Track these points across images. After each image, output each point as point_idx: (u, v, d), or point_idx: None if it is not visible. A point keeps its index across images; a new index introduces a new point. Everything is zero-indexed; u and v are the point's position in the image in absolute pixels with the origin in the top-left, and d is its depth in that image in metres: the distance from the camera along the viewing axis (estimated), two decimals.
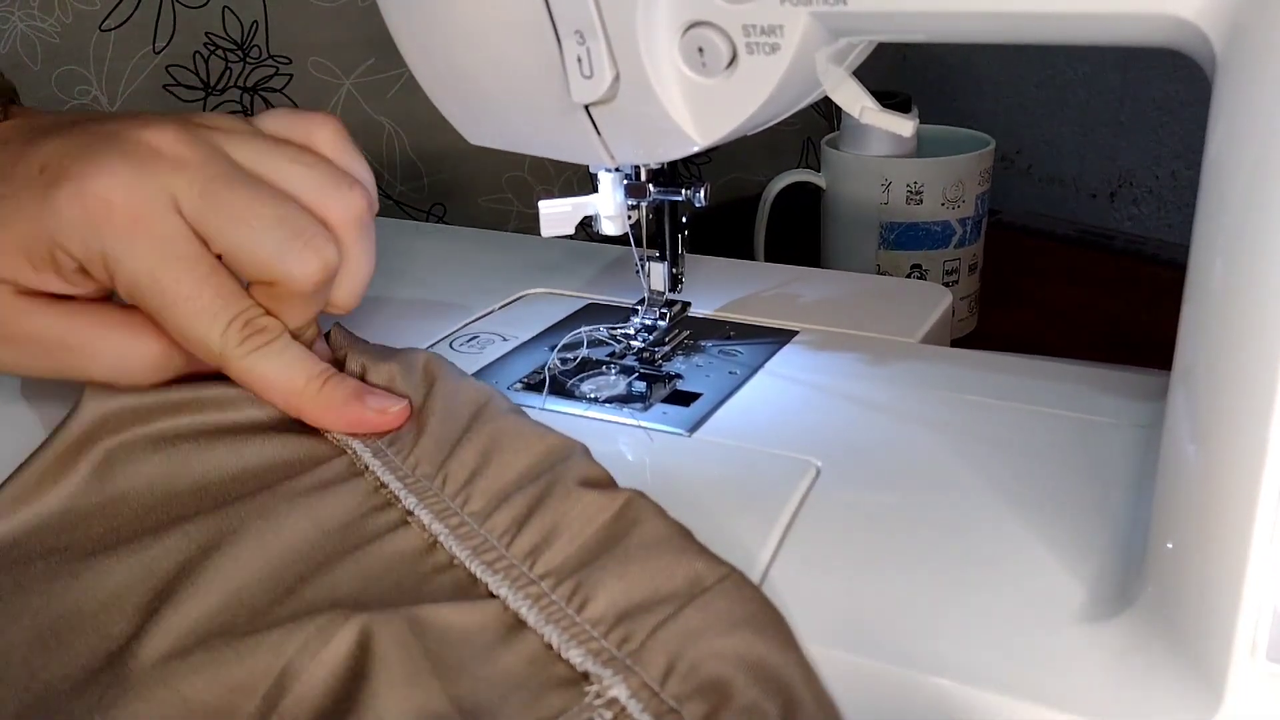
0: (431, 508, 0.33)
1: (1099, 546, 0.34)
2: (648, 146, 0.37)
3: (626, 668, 0.27)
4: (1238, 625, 0.27)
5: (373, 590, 0.30)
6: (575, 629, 0.28)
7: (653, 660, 0.27)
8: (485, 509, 0.33)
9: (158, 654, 0.28)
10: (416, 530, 0.32)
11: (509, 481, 0.33)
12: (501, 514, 0.32)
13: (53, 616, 0.30)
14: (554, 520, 0.31)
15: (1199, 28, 0.27)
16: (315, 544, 0.32)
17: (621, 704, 0.26)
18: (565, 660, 0.28)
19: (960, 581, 0.33)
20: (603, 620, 0.28)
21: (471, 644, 0.28)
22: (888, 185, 0.67)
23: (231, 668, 0.27)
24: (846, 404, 0.44)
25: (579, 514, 0.31)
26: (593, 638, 0.28)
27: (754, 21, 0.32)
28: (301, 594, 0.30)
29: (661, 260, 0.47)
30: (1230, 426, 0.27)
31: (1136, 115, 0.86)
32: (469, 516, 0.32)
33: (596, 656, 0.27)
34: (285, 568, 0.31)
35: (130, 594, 0.30)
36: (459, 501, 0.33)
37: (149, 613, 0.29)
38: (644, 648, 0.27)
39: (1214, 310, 0.27)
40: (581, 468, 0.33)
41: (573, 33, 0.33)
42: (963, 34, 0.32)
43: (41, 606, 0.30)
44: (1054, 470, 0.38)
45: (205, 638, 0.28)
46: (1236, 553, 0.27)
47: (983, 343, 0.68)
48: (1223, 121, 0.27)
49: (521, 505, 0.32)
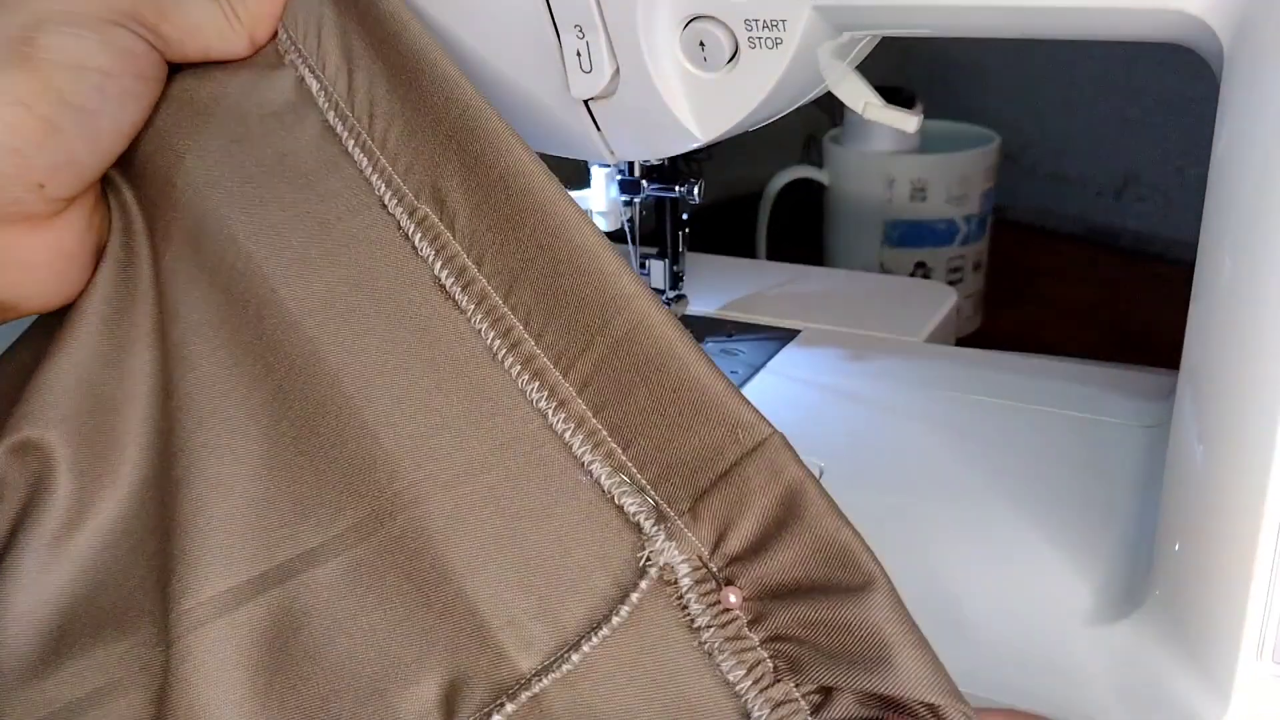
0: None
1: (1106, 548, 0.33)
2: (648, 142, 0.36)
3: (679, 530, 0.26)
4: (1245, 627, 0.27)
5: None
6: (624, 468, 0.27)
7: (704, 527, 0.26)
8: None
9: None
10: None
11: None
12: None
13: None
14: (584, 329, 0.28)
15: (1206, 23, 0.27)
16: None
17: (675, 570, 0.25)
18: (615, 503, 0.27)
19: (966, 583, 0.32)
20: (647, 466, 0.27)
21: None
22: (891, 182, 0.67)
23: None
24: (849, 404, 0.43)
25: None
26: (644, 486, 0.27)
27: (756, 15, 0.31)
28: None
29: (661, 258, 0.47)
30: (1238, 426, 0.27)
31: (1143, 112, 0.86)
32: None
33: (648, 511, 0.26)
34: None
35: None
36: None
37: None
38: (696, 511, 0.26)
39: (1222, 309, 0.27)
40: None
41: (572, 27, 0.33)
42: (968, 28, 0.31)
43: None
44: (1060, 471, 0.38)
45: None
46: (1244, 554, 0.27)
47: (987, 342, 0.67)
48: (1230, 118, 0.27)
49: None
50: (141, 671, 0.27)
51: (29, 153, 0.29)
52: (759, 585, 0.25)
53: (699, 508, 0.26)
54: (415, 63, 0.31)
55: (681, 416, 0.26)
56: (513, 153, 0.29)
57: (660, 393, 0.27)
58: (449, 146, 0.30)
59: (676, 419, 0.26)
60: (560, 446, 0.27)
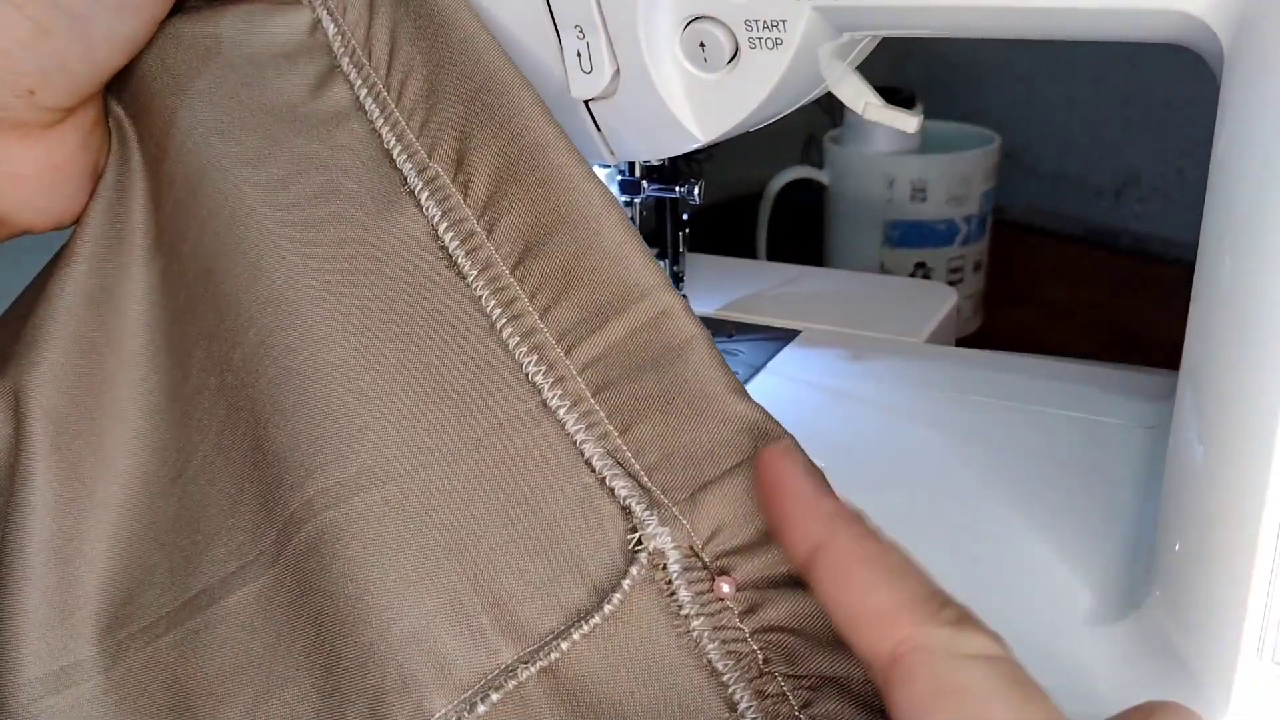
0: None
1: (1106, 549, 0.33)
2: (648, 142, 0.36)
3: (674, 518, 0.25)
4: (1245, 627, 0.27)
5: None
6: (618, 452, 0.26)
7: (702, 517, 0.25)
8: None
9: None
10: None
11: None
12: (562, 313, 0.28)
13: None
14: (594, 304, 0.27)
15: (1206, 23, 0.27)
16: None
17: (665, 557, 0.25)
18: (607, 486, 0.26)
19: (965, 584, 0.32)
20: (645, 450, 0.26)
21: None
22: (891, 182, 0.67)
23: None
24: (849, 404, 0.43)
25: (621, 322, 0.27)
26: (637, 472, 0.26)
27: (756, 16, 0.31)
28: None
29: (661, 258, 0.47)
30: (1238, 427, 0.26)
31: (1143, 112, 0.85)
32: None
33: (640, 496, 0.26)
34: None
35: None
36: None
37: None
38: (694, 501, 0.25)
39: (1222, 309, 0.27)
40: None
41: (572, 27, 0.33)
42: (968, 29, 0.31)
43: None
44: (1060, 471, 0.38)
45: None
46: (1244, 554, 0.26)
47: (987, 342, 0.67)
48: (1230, 118, 0.27)
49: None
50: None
51: (18, 54, 0.28)
52: (756, 576, 0.25)
53: (700, 497, 0.25)
54: (444, 18, 0.30)
55: (691, 408, 0.26)
56: (541, 127, 0.28)
57: (672, 382, 0.26)
58: (473, 106, 0.29)
59: (685, 409, 0.26)
60: (556, 426, 0.27)
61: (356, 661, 0.24)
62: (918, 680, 0.19)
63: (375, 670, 0.23)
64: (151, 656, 0.26)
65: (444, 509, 0.26)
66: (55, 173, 0.31)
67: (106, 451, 0.29)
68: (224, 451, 0.28)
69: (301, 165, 0.30)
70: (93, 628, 0.27)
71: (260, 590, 0.26)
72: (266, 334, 0.28)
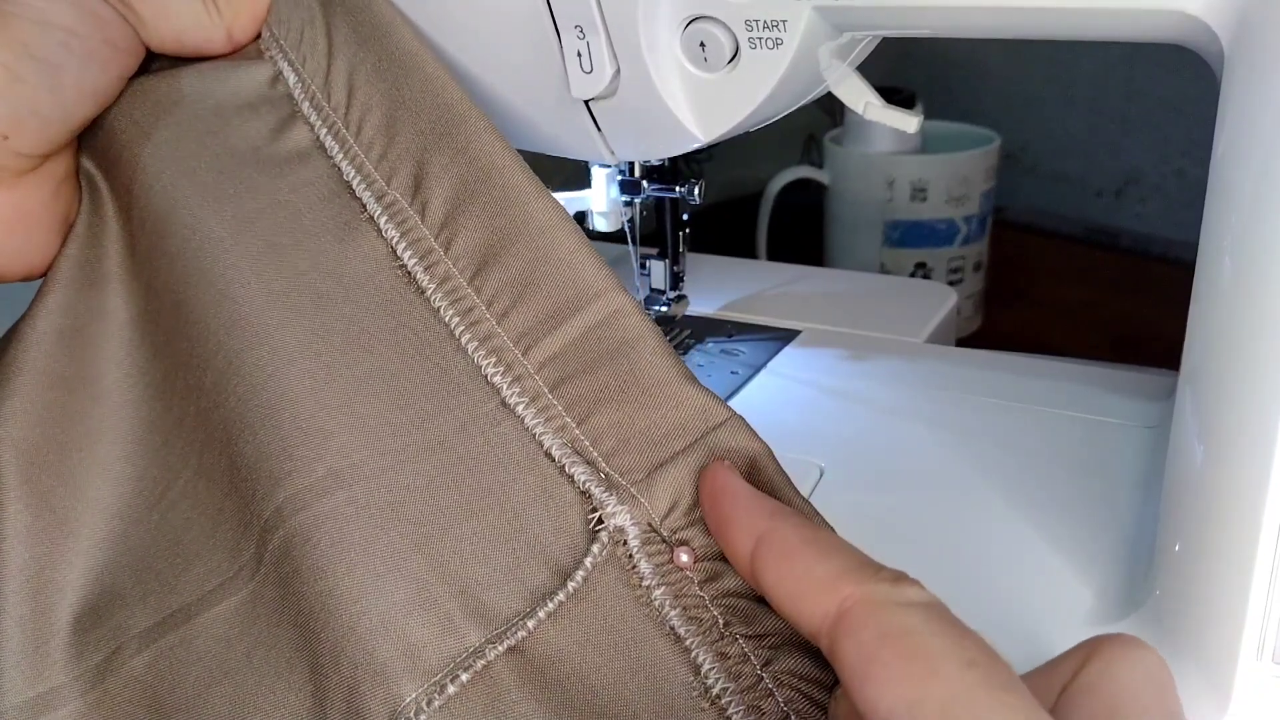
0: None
1: (1106, 549, 0.33)
2: (648, 142, 0.36)
3: (631, 497, 0.26)
4: (1245, 627, 0.27)
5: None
6: (576, 442, 0.27)
7: (659, 495, 0.26)
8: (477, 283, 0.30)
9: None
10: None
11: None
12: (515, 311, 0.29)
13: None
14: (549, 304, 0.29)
15: (1206, 23, 0.27)
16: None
17: (625, 533, 0.25)
18: (566, 472, 0.27)
19: (965, 584, 0.32)
20: (602, 438, 0.27)
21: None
22: (892, 182, 0.67)
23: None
24: (850, 404, 0.43)
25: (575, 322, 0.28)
26: (595, 459, 0.27)
27: (757, 16, 0.31)
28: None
29: (662, 258, 0.47)
30: (1238, 427, 0.26)
31: (1143, 112, 0.85)
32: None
33: (599, 480, 0.26)
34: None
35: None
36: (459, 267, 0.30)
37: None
38: (651, 480, 0.26)
39: (1222, 309, 0.27)
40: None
41: (572, 27, 0.33)
42: (968, 29, 0.31)
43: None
44: (1060, 471, 0.38)
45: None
46: (1244, 555, 0.26)
47: (987, 342, 0.67)
48: (1230, 119, 0.27)
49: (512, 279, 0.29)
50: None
51: None
52: (714, 549, 0.25)
53: (656, 476, 0.26)
54: (402, 59, 0.32)
55: (645, 395, 0.27)
56: (497, 151, 0.30)
57: (626, 373, 0.27)
58: (430, 136, 0.31)
59: (640, 397, 0.27)
60: (516, 423, 0.28)
61: (331, 657, 0.24)
62: (864, 628, 0.20)
63: (348, 663, 0.24)
64: (130, 676, 0.27)
65: (409, 505, 0.26)
66: (27, 219, 0.32)
67: (78, 482, 0.30)
68: (205, 474, 0.29)
69: (265, 201, 0.31)
70: (69, 653, 0.28)
71: (239, 604, 0.27)
72: (234, 355, 0.29)
